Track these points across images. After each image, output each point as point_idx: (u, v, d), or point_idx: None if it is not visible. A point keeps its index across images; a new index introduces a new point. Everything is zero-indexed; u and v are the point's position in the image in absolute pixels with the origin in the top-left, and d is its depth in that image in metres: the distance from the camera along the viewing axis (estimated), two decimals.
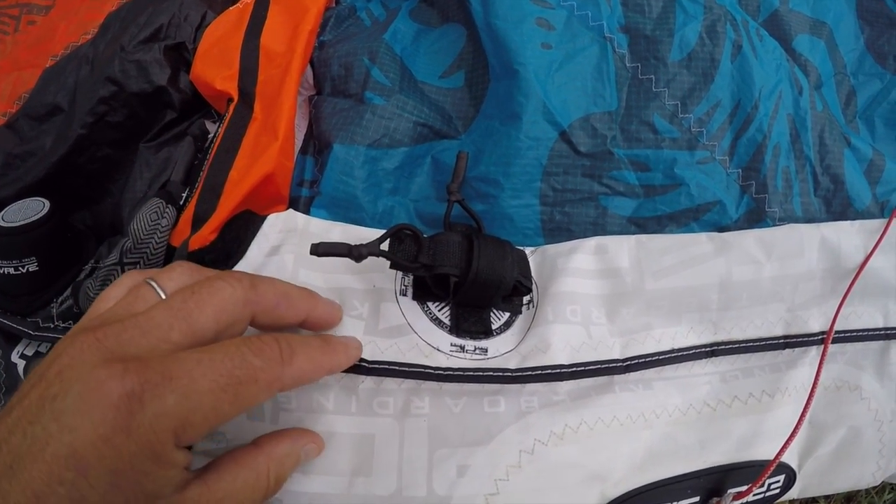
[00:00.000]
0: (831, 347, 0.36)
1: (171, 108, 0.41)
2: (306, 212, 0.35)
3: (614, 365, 0.31)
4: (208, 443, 0.28)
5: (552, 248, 0.34)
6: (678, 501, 0.32)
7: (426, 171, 0.37)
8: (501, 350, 0.31)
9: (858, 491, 0.47)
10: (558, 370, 0.30)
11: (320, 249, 0.27)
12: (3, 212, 0.36)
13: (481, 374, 0.30)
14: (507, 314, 0.33)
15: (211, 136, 0.39)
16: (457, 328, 0.31)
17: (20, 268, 0.35)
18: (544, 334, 0.31)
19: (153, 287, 0.24)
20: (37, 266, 0.36)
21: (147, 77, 0.39)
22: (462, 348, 0.31)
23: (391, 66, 0.40)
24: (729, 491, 0.33)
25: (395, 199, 0.37)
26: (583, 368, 0.31)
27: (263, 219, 0.33)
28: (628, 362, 0.32)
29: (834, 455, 0.37)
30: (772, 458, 0.31)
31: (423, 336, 0.30)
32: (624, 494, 0.31)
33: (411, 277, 0.32)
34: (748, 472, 0.33)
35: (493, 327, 0.32)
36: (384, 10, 0.43)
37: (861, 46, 0.50)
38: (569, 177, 0.37)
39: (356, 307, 0.31)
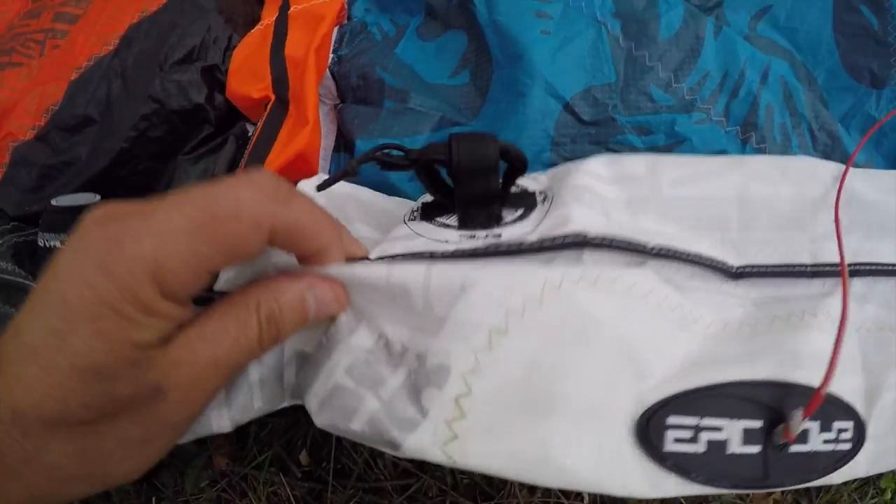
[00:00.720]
0: (861, 286, 0.34)
1: (208, 123, 0.45)
2: None
3: (642, 247, 0.28)
4: None
5: (563, 164, 0.34)
6: (739, 419, 0.27)
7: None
8: (517, 233, 0.28)
9: (842, 496, 0.45)
10: (583, 238, 0.26)
11: (323, 184, 0.28)
12: (55, 198, 0.38)
13: (495, 248, 0.26)
14: (522, 209, 0.30)
15: (250, 133, 0.43)
16: (465, 224, 0.29)
17: (66, 241, 0.37)
18: (564, 213, 0.28)
19: None
20: None
21: (186, 96, 0.44)
22: (472, 236, 0.28)
23: (404, 74, 0.44)
24: (796, 409, 0.26)
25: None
26: (610, 241, 0.27)
27: (295, 184, 0.35)
28: (655, 249, 0.28)
29: None
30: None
31: (431, 236, 0.28)
32: (669, 397, 0.26)
33: (420, 208, 0.32)
34: (809, 395, 0.27)
35: (507, 220, 0.30)
36: (393, 26, 0.48)
37: (835, 61, 0.52)
38: (576, 146, 0.39)
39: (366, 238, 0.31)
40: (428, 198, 0.33)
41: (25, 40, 0.48)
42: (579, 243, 0.26)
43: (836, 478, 0.31)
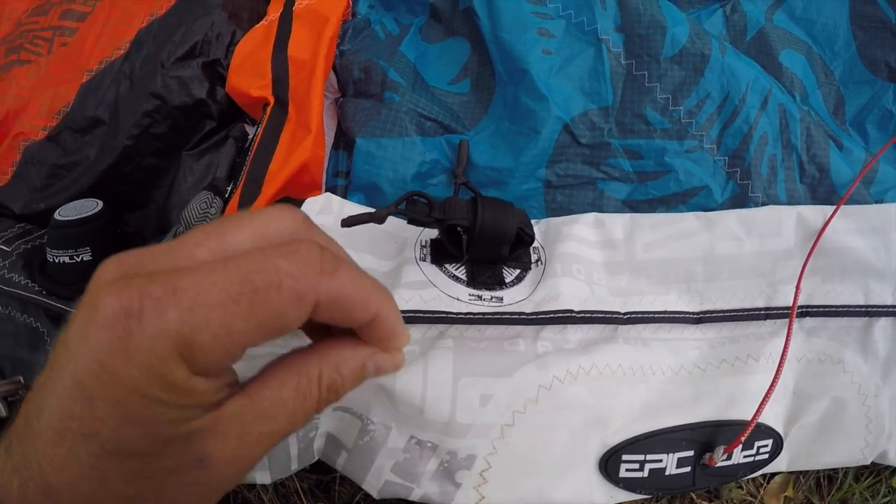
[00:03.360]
0: (813, 322, 0.38)
1: (210, 118, 0.45)
2: (344, 198, 0.39)
3: (617, 316, 0.35)
4: None
5: (556, 220, 0.38)
6: (674, 452, 0.35)
7: (441, 157, 0.42)
8: (516, 298, 0.34)
9: (854, 493, 0.47)
10: (569, 314, 0.34)
11: (349, 221, 0.31)
12: (59, 209, 0.40)
13: (500, 317, 0.33)
14: (518, 270, 0.36)
15: (250, 136, 0.44)
16: (473, 281, 0.34)
17: (75, 257, 0.39)
18: (555, 285, 0.34)
19: None
20: (91, 256, 0.39)
21: (188, 91, 0.44)
22: (480, 297, 0.34)
23: (405, 69, 0.44)
24: (719, 445, 0.35)
25: (414, 185, 0.41)
26: (590, 315, 0.34)
27: (301, 202, 0.37)
28: (628, 315, 0.35)
29: (820, 426, 0.38)
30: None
31: (444, 289, 0.33)
32: (623, 441, 0.34)
33: (429, 246, 0.35)
34: (737, 428, 0.35)
35: (506, 280, 0.35)
36: (396, 24, 0.47)
37: (852, 54, 0.51)
38: (570, 164, 0.41)
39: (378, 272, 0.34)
40: (431, 233, 0.36)
41: (34, 38, 0.48)
42: (566, 318, 0.33)
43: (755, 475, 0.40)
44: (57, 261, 0.38)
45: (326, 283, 0.18)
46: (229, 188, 0.40)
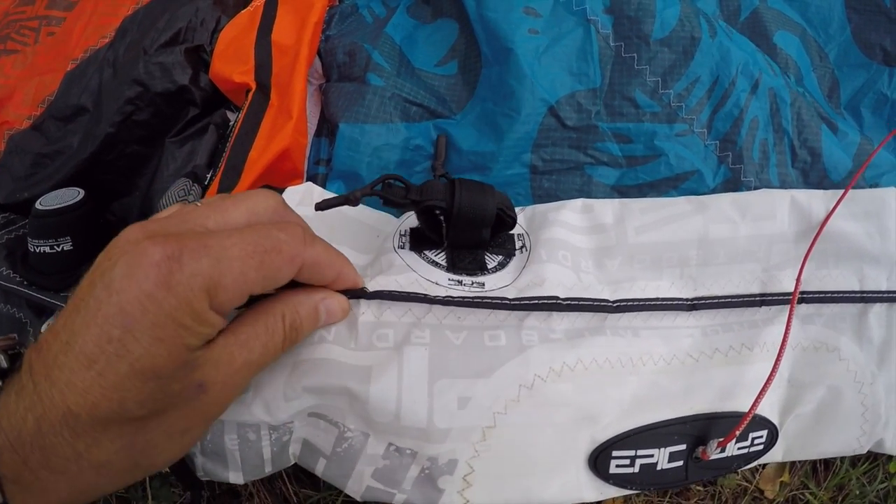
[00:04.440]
0: (808, 308, 0.37)
1: (193, 104, 0.45)
2: (323, 187, 0.38)
3: (605, 304, 0.33)
4: None
5: (541, 206, 0.37)
6: (666, 447, 0.34)
7: (426, 144, 0.41)
8: (499, 284, 0.33)
9: (850, 479, 0.47)
10: (554, 301, 0.32)
11: (323, 205, 0.30)
12: (41, 198, 0.39)
13: (480, 301, 0.31)
14: (501, 256, 0.35)
15: (231, 123, 0.43)
16: (454, 266, 0.33)
17: (55, 246, 0.39)
18: (539, 271, 0.33)
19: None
20: (71, 246, 0.39)
21: (170, 77, 0.43)
22: (460, 282, 0.33)
23: (391, 52, 0.44)
24: (713, 439, 0.34)
25: (396, 172, 0.40)
26: (577, 303, 0.33)
27: (282, 191, 0.36)
28: (618, 303, 0.34)
29: (815, 415, 0.38)
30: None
31: (422, 274, 0.32)
32: (613, 437, 0.33)
33: (408, 235, 0.34)
34: (731, 421, 0.34)
35: (489, 266, 0.34)
36: (384, 8, 0.46)
37: (847, 37, 0.51)
38: (556, 148, 0.40)
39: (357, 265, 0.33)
40: (411, 222, 0.35)
41: (20, 27, 0.47)
42: (551, 304, 0.32)
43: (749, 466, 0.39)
44: (38, 250, 0.38)
45: (309, 251, 0.26)
46: (209, 175, 0.39)
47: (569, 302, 0.33)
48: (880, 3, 0.51)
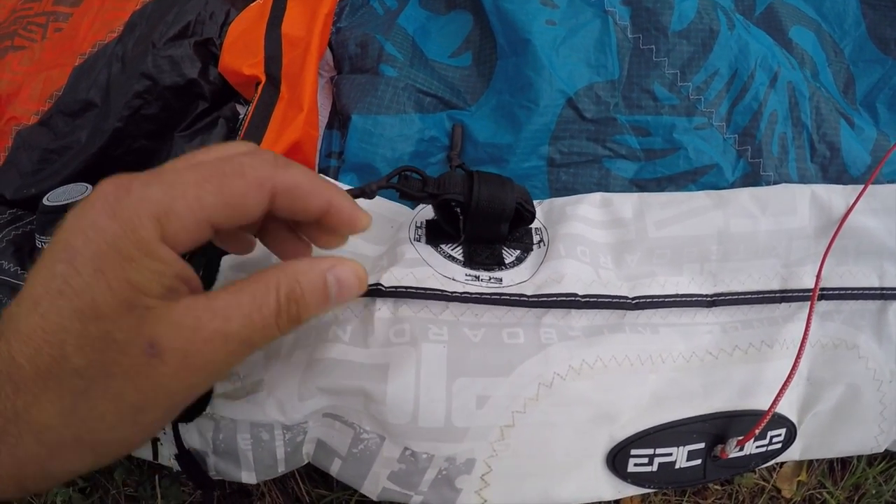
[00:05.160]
0: (827, 305, 0.37)
1: (202, 98, 0.44)
2: (335, 180, 0.38)
3: (624, 301, 0.33)
4: (224, 384, 0.30)
5: (559, 200, 0.37)
6: (685, 445, 0.34)
7: (440, 135, 0.40)
8: (516, 280, 0.32)
9: (867, 479, 0.46)
10: (573, 298, 0.32)
11: None
12: (48, 194, 0.39)
13: (498, 297, 0.31)
14: (519, 251, 0.34)
15: (241, 116, 0.42)
16: (470, 261, 0.33)
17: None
18: (557, 267, 0.33)
19: None
20: None
21: (179, 71, 0.42)
22: (477, 278, 0.32)
23: (404, 43, 0.43)
24: (732, 438, 0.34)
25: (411, 164, 0.39)
26: (595, 300, 0.32)
27: None
28: (637, 300, 0.33)
29: (834, 413, 0.37)
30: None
31: (438, 269, 0.32)
32: (631, 436, 0.32)
33: (424, 227, 0.34)
34: (750, 419, 0.34)
35: (506, 261, 0.33)
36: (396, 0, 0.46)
37: (862, 33, 0.50)
38: (574, 141, 0.39)
39: (371, 256, 0.33)
40: (427, 213, 0.35)
41: (28, 23, 0.47)
42: (570, 302, 0.31)
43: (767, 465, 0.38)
44: (45, 246, 0.37)
45: (281, 174, 0.22)
46: None
47: (587, 299, 0.32)
48: None
